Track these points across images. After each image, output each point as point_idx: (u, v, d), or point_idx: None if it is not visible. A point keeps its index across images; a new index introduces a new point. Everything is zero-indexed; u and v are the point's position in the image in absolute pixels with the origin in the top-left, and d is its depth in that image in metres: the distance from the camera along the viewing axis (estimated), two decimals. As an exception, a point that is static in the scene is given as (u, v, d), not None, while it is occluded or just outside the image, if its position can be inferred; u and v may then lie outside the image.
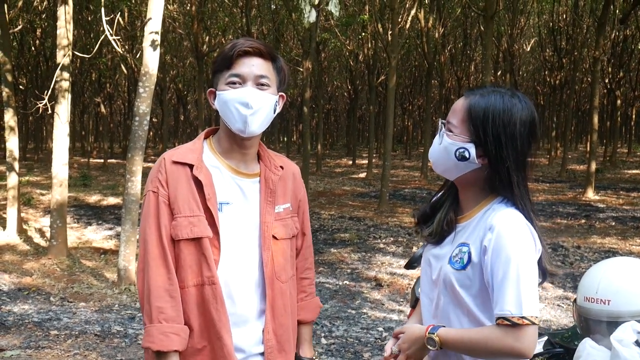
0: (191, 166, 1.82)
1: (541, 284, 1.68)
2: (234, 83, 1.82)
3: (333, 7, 5.27)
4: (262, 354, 1.90)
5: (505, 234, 1.58)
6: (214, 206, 1.81)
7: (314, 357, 2.09)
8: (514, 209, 1.64)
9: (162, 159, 1.85)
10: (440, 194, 1.85)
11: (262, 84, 1.84)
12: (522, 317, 1.54)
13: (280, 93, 1.90)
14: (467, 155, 1.64)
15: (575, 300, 2.22)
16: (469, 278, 1.64)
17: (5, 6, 9.79)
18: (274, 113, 1.89)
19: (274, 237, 1.89)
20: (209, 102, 1.91)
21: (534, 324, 1.55)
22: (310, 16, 5.13)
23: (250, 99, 1.80)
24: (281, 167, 1.97)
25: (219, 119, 1.92)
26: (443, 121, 1.72)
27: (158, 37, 6.58)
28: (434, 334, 1.65)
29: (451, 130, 1.67)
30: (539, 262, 1.64)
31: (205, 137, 1.95)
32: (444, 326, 1.68)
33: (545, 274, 1.68)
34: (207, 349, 1.81)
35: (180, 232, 1.79)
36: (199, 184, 1.81)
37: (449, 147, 1.67)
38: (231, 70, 1.82)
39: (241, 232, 1.86)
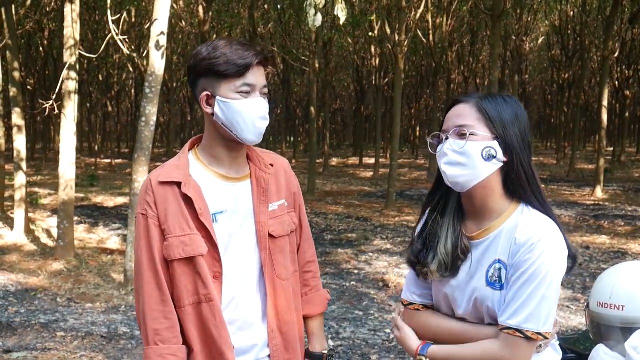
0: (179, 184, 1.79)
1: (571, 269, 1.66)
2: (247, 92, 1.78)
3: (340, 12, 5.19)
4: (270, 356, 1.88)
5: (542, 251, 1.54)
6: (208, 220, 1.78)
7: (325, 351, 2.02)
8: (541, 214, 1.61)
9: (149, 180, 1.82)
10: (422, 222, 1.78)
11: (265, 93, 1.82)
12: (538, 333, 1.54)
13: None
14: (494, 154, 1.58)
15: (587, 305, 2.18)
16: (505, 296, 1.60)
17: (13, 6, 9.82)
18: None
19: (271, 235, 1.87)
20: (201, 105, 1.82)
21: (545, 338, 1.55)
22: (316, 20, 5.05)
23: (266, 111, 1.79)
24: (271, 164, 1.93)
25: (204, 124, 1.87)
26: (437, 133, 1.66)
27: (164, 38, 6.56)
28: (424, 355, 1.68)
29: (471, 133, 1.59)
30: (568, 250, 1.62)
31: (190, 148, 1.91)
32: (433, 343, 1.69)
33: (575, 259, 1.65)
34: None
35: (173, 253, 1.76)
36: (188, 200, 1.78)
37: (472, 150, 1.58)
38: (243, 79, 1.77)
39: (239, 237, 1.84)
